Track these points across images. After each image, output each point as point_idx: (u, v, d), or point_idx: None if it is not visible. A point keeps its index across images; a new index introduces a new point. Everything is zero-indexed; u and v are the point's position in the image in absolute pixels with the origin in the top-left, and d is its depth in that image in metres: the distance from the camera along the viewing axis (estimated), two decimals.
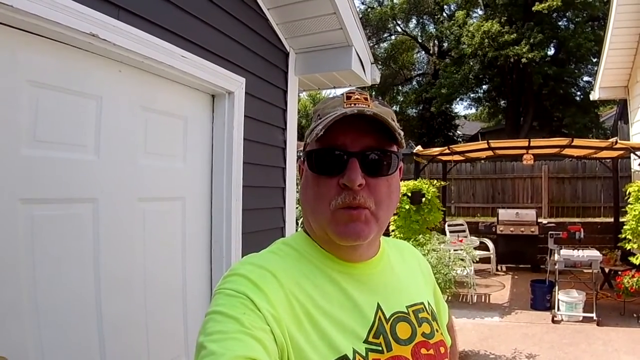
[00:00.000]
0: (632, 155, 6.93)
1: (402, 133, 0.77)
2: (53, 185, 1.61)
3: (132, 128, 1.96)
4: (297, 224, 3.88)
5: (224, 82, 2.41)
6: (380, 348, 0.74)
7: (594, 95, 7.63)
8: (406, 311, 0.82)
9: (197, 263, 2.39)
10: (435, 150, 7.97)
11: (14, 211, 1.47)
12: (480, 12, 19.13)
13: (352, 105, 0.77)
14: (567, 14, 16.63)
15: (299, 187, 0.87)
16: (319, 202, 0.78)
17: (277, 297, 0.70)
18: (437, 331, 0.86)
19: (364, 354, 0.72)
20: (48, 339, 1.55)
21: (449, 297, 5.90)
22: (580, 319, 5.48)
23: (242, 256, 2.44)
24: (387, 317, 0.79)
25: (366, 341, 0.74)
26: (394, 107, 20.72)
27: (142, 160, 2.01)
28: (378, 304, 0.79)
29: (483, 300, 6.65)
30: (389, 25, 21.96)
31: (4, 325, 1.43)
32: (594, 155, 8.03)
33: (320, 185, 0.77)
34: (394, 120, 0.78)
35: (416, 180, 7.13)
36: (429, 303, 0.89)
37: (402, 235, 6.64)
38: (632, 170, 7.44)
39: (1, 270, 1.43)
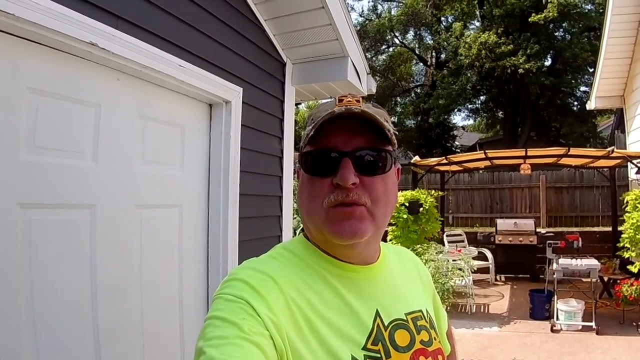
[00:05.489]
0: (629, 163, 6.95)
1: (392, 130, 0.78)
2: (51, 190, 1.62)
3: (130, 136, 1.98)
4: (294, 233, 3.88)
5: (222, 91, 2.44)
6: (378, 355, 0.74)
7: (591, 105, 7.68)
8: (405, 318, 0.82)
9: (194, 270, 2.40)
10: (433, 161, 7.97)
11: (12, 215, 1.49)
12: (477, 24, 19.30)
13: (343, 107, 0.77)
14: (564, 25, 16.74)
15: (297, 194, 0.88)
16: (312, 202, 0.78)
17: (277, 303, 0.69)
18: (436, 339, 0.85)
19: None
20: (43, 343, 1.56)
21: (448, 307, 5.89)
22: (579, 328, 5.46)
23: (239, 264, 2.46)
24: (386, 324, 0.78)
25: (365, 348, 0.73)
26: (393, 118, 20.69)
27: (139, 167, 2.03)
28: (377, 310, 0.79)
29: (482, 310, 6.62)
30: (387, 37, 22.09)
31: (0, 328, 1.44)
32: (592, 165, 8.03)
33: (314, 186, 0.78)
34: (386, 121, 0.79)
35: (414, 190, 7.14)
36: (427, 311, 0.89)
37: (399, 245, 6.61)
38: (630, 179, 7.47)
39: None
